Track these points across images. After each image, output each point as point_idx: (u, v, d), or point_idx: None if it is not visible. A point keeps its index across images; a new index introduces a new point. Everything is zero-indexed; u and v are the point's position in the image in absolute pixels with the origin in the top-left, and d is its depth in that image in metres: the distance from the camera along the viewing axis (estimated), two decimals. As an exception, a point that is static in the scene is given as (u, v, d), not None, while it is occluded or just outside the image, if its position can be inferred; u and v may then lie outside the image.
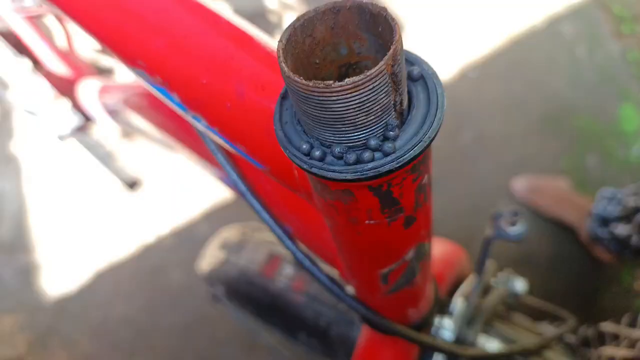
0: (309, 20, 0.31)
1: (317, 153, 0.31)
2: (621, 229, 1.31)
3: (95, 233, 1.80)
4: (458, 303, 0.75)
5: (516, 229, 0.62)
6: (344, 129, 0.29)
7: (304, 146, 0.31)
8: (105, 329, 1.63)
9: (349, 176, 0.30)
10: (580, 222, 1.54)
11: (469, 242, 1.25)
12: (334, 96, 0.28)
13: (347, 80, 0.27)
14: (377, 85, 0.28)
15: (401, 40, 0.28)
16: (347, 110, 0.28)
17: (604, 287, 1.54)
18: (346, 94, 0.27)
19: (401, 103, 0.30)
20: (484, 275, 0.74)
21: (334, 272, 0.55)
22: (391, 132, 0.30)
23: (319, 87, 0.27)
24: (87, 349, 1.60)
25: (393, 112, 0.30)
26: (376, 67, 0.27)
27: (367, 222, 0.36)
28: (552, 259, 1.60)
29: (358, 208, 0.34)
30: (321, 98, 0.28)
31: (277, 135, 0.33)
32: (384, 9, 0.29)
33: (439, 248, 0.80)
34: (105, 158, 1.48)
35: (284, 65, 0.29)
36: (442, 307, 0.75)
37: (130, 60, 0.47)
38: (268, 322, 0.94)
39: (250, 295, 0.94)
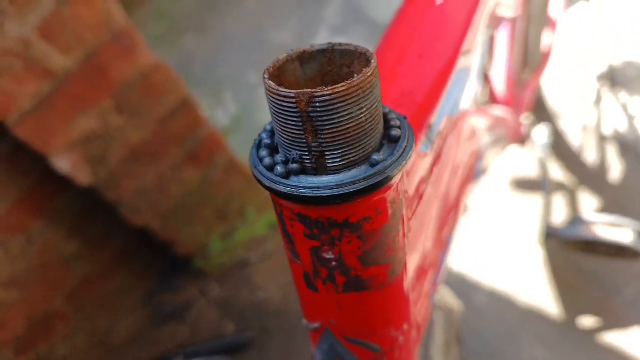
0: (349, 52, 0.33)
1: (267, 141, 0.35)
2: None
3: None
4: None
5: None
6: (276, 126, 0.32)
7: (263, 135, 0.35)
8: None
9: (251, 165, 0.33)
10: None
11: None
12: (267, 93, 0.31)
13: (270, 83, 0.30)
14: (285, 107, 0.29)
15: (330, 95, 0.28)
16: (273, 112, 0.31)
17: None
18: (270, 97, 0.30)
19: (322, 153, 0.30)
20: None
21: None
22: (292, 165, 0.31)
23: (266, 80, 0.31)
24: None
25: (305, 150, 0.30)
26: (286, 91, 0.28)
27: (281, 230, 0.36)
28: None
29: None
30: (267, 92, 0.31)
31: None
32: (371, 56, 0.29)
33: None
34: None
35: (282, 60, 0.33)
36: None
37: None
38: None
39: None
